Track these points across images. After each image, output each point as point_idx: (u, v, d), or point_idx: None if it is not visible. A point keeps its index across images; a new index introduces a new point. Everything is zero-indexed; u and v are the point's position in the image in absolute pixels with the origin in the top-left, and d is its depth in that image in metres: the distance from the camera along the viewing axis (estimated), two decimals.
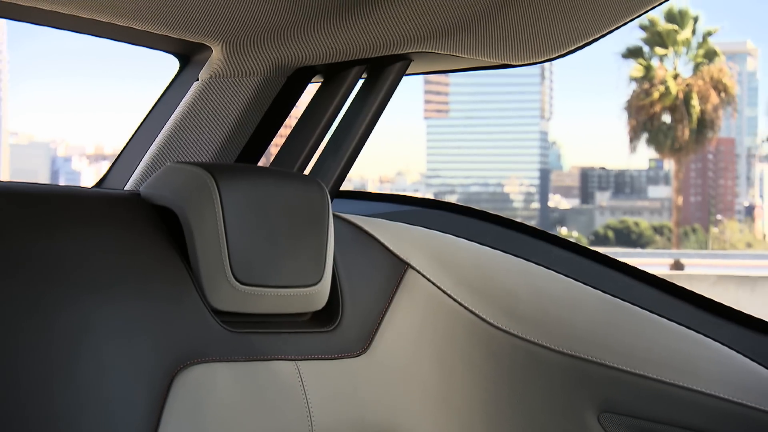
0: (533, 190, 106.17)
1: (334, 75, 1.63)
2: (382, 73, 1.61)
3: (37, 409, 1.14)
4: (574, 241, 1.84)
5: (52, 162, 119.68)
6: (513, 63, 1.63)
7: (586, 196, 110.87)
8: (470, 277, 1.59)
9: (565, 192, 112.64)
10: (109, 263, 1.26)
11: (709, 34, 42.77)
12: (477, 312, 1.57)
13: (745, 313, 1.73)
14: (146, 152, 1.65)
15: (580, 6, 1.45)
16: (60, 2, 1.43)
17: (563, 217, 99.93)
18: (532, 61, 1.62)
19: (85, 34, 1.59)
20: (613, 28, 1.53)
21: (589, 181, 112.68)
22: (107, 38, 1.60)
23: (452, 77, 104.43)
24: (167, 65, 1.73)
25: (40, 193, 1.31)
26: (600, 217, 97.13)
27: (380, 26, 1.49)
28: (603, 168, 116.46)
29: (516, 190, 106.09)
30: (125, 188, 1.65)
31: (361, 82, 1.64)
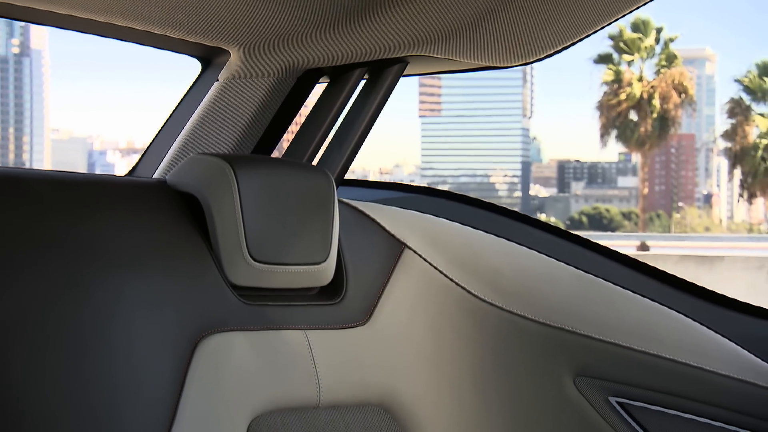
0: (516, 180, 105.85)
1: (339, 76, 1.62)
2: (381, 75, 1.60)
3: (72, 372, 1.14)
4: (552, 224, 1.84)
5: (89, 155, 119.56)
6: (498, 65, 1.62)
7: (562, 185, 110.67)
8: (460, 256, 1.59)
9: (544, 182, 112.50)
10: (138, 242, 1.26)
11: (672, 40, 43.04)
12: (466, 287, 1.56)
13: (704, 288, 1.73)
14: (172, 145, 1.65)
15: (557, 14, 1.44)
16: (95, 11, 1.43)
17: (542, 205, 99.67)
18: (515, 64, 1.61)
19: (117, 39, 1.58)
20: (587, 34, 1.52)
21: (565, 173, 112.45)
22: (138, 43, 1.59)
23: (444, 80, 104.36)
24: (190, 68, 1.72)
25: (79, 180, 1.31)
26: (575, 204, 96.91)
27: (380, 32, 1.48)
28: (578, 161, 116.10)
29: (500, 181, 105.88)
30: (153, 177, 1.65)
31: (363, 83, 1.64)
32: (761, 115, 42.50)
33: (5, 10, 1.41)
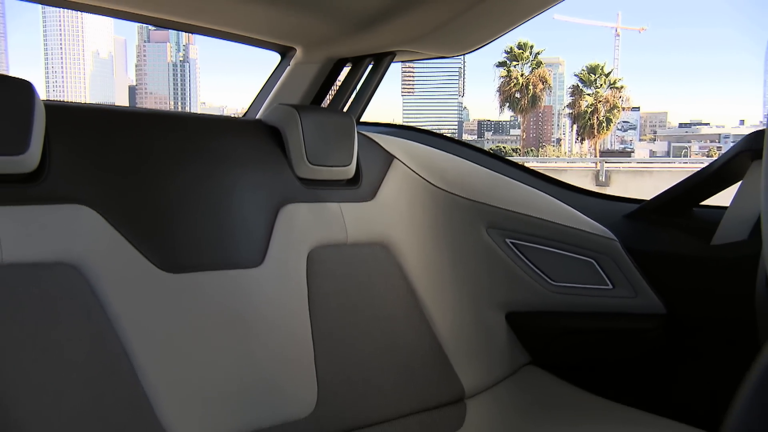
0: (455, 131, 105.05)
1: (357, 63, 1.56)
2: (380, 62, 1.54)
3: (209, 223, 1.12)
4: (476, 145, 1.81)
5: None
6: (449, 55, 1.56)
7: (480, 134, 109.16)
8: (425, 162, 1.56)
9: (470, 132, 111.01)
10: (247, 154, 1.23)
11: (539, 53, 43.55)
12: (428, 179, 1.53)
13: (558, 180, 1.71)
14: (264, 101, 1.61)
15: (484, 21, 1.37)
16: (212, 21, 1.36)
17: None
18: (460, 53, 1.54)
19: (229, 41, 1.52)
20: (502, 33, 1.44)
21: (481, 127, 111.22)
22: (242, 43, 1.53)
23: (416, 75, 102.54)
24: (271, 63, 1.67)
25: (212, 117, 1.28)
26: (487, 144, 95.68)
27: (380, 36, 1.42)
28: (488, 120, 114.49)
29: (446, 133, 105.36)
30: (256, 118, 1.61)
31: (370, 66, 1.58)
32: (588, 94, 43.24)
33: (155, 21, 1.35)
